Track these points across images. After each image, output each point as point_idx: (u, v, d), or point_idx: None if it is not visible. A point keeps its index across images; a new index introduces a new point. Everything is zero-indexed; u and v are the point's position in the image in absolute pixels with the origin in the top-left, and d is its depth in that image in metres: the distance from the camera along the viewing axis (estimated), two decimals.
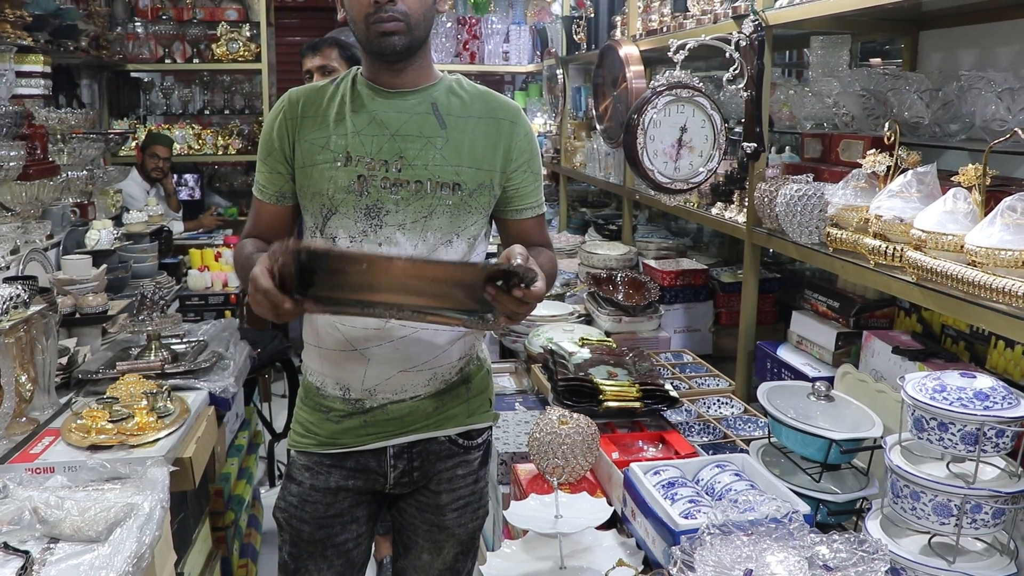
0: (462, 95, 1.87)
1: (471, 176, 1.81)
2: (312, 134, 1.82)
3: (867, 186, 2.04)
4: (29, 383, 2.29)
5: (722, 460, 1.95)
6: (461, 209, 1.81)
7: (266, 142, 1.88)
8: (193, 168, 7.03)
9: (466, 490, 1.98)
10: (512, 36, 6.58)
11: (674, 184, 2.77)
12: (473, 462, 1.99)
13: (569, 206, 5.52)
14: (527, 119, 1.94)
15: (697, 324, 3.46)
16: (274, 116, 1.88)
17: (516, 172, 1.89)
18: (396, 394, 1.87)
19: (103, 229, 3.70)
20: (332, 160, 1.78)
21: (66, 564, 1.70)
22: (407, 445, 1.91)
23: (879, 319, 2.46)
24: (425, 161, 1.78)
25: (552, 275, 1.93)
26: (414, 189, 1.78)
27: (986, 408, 1.49)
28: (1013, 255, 1.52)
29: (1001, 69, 2.08)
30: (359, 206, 1.78)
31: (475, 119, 1.85)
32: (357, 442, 1.89)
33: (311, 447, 1.92)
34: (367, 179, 1.77)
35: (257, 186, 1.92)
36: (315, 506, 1.93)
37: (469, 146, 1.82)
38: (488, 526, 2.49)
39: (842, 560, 1.43)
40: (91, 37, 5.32)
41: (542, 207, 1.98)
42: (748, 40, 2.51)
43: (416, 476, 1.94)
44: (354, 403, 1.88)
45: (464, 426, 1.95)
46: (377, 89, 1.83)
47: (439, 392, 1.90)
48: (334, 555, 1.96)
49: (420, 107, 1.82)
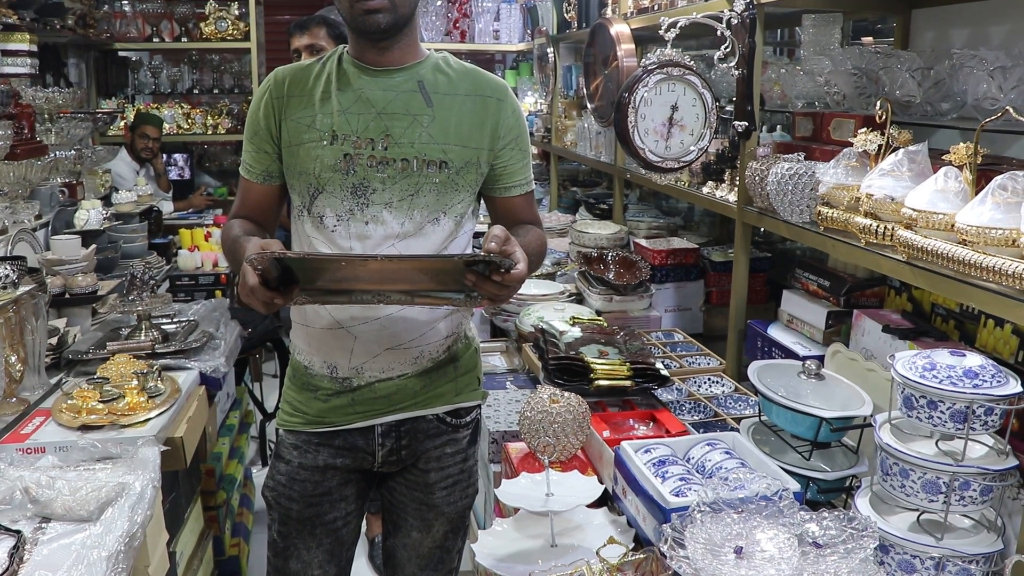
0: (449, 73, 1.86)
1: (458, 154, 1.80)
2: (298, 113, 1.81)
3: (858, 165, 2.04)
4: (19, 363, 2.28)
5: (712, 438, 1.96)
6: (448, 187, 1.80)
7: (252, 122, 1.87)
8: (182, 148, 6.99)
9: (455, 468, 1.98)
10: (503, 14, 6.54)
11: (665, 163, 2.76)
12: (462, 440, 1.99)
13: (560, 185, 5.51)
14: (515, 97, 1.93)
15: (688, 303, 3.47)
16: (260, 96, 1.87)
17: (504, 150, 1.88)
18: (383, 372, 1.86)
19: (92, 209, 3.67)
20: (318, 139, 1.78)
21: (58, 543, 1.70)
22: (395, 423, 1.91)
23: (869, 298, 2.47)
24: (412, 139, 1.77)
25: (540, 253, 1.93)
26: (400, 167, 1.77)
27: (975, 386, 1.50)
28: (1004, 234, 1.52)
29: (993, 48, 2.08)
30: (345, 185, 1.77)
31: (462, 96, 1.84)
32: (345, 420, 1.89)
33: (299, 426, 1.92)
34: (353, 158, 1.77)
35: (244, 166, 1.91)
36: (303, 484, 1.93)
37: (456, 124, 1.81)
38: (479, 504, 2.50)
39: (832, 537, 1.44)
40: (78, 15, 5.27)
41: (530, 184, 1.96)
42: (739, 18, 2.50)
43: (404, 455, 1.94)
44: (341, 381, 1.88)
45: (452, 404, 1.95)
46: (363, 67, 1.82)
47: (426, 370, 1.89)
48: (323, 533, 1.96)
49: (406, 85, 1.81)
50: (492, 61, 7.53)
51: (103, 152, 4.52)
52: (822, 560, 1.39)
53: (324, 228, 1.80)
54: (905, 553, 1.57)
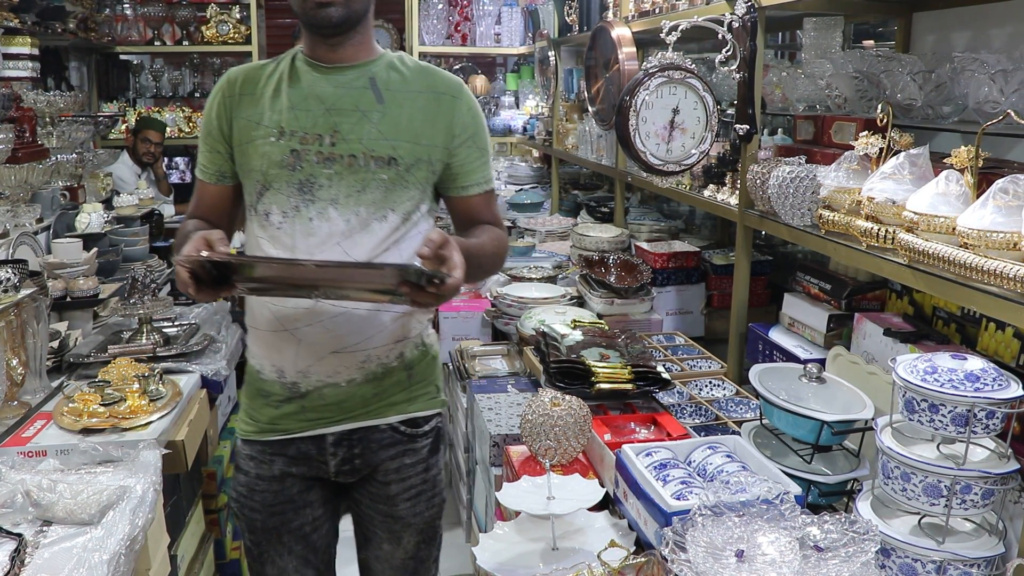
0: (403, 70, 1.85)
1: (408, 151, 1.79)
2: (248, 111, 1.81)
3: (859, 168, 2.04)
4: (20, 367, 2.28)
5: (714, 442, 1.96)
6: (397, 184, 1.79)
7: (206, 122, 1.88)
8: (183, 151, 6.99)
9: (416, 479, 1.96)
10: (504, 17, 6.54)
11: (666, 166, 2.76)
12: (421, 450, 1.96)
13: (561, 188, 5.52)
14: (471, 94, 1.91)
15: (689, 306, 3.47)
16: (213, 96, 1.87)
17: (460, 148, 1.86)
18: (330, 377, 1.84)
19: (93, 212, 3.68)
20: (266, 135, 1.78)
21: (59, 547, 1.70)
22: (346, 433, 1.89)
23: (871, 301, 2.47)
24: (359, 135, 1.76)
25: (495, 254, 1.91)
26: (347, 163, 1.76)
27: (976, 390, 1.49)
28: (1005, 237, 1.52)
29: (994, 51, 2.08)
30: (292, 181, 1.77)
31: (415, 93, 1.82)
32: (296, 427, 1.88)
33: (253, 435, 1.92)
34: (300, 153, 1.76)
35: (199, 166, 1.91)
36: (263, 495, 1.92)
37: (407, 120, 1.80)
38: (480, 507, 2.50)
39: (833, 541, 1.43)
40: (79, 19, 5.27)
41: (489, 184, 1.94)
42: (741, 21, 2.50)
43: (358, 464, 1.92)
44: (290, 387, 1.86)
45: (406, 414, 1.92)
46: (315, 65, 1.81)
47: (376, 377, 1.87)
48: (291, 540, 1.95)
49: (358, 82, 1.80)
50: (493, 64, 7.53)
51: (104, 155, 4.52)
52: (823, 564, 1.39)
53: (270, 225, 1.79)
54: (906, 557, 1.57)
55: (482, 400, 2.60)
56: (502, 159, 6.75)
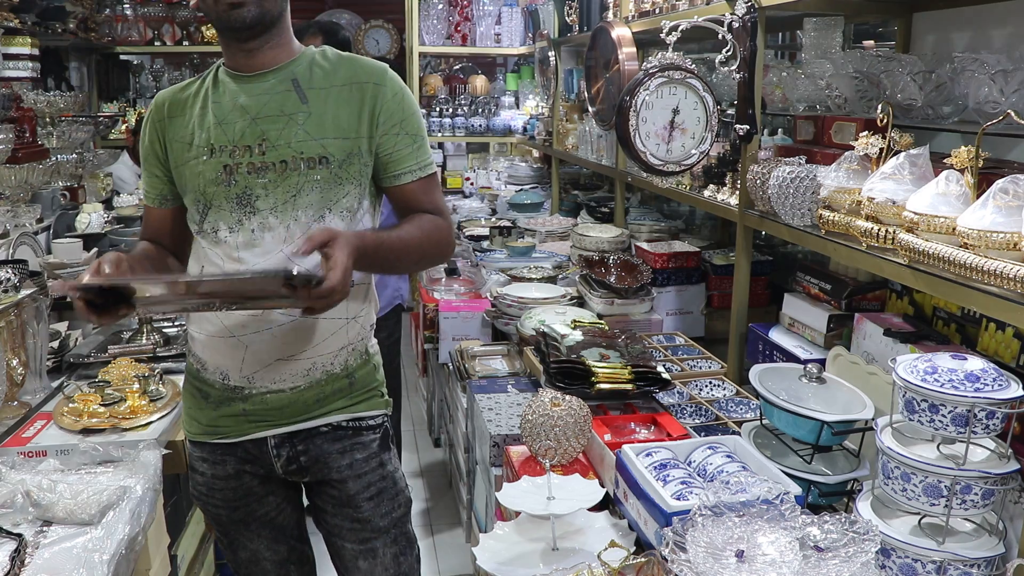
0: (325, 65, 1.83)
1: (338, 147, 1.77)
2: (179, 133, 1.82)
3: (860, 168, 2.04)
4: (20, 367, 2.29)
5: (714, 442, 1.96)
6: (331, 183, 1.77)
7: (143, 148, 1.89)
8: None
9: (374, 475, 1.95)
10: (504, 18, 6.54)
11: (666, 166, 2.76)
12: (370, 444, 1.94)
13: (561, 189, 5.52)
14: (396, 79, 1.86)
15: (689, 306, 3.47)
16: (146, 122, 1.89)
17: (387, 136, 1.82)
18: (275, 383, 1.84)
19: (93, 212, 3.68)
20: (198, 155, 1.78)
21: (59, 547, 1.70)
22: (287, 434, 1.88)
23: (871, 301, 2.47)
24: (288, 139, 1.75)
25: (426, 241, 1.85)
26: (279, 170, 1.75)
27: (977, 390, 1.49)
28: (1005, 237, 1.52)
29: (994, 51, 2.07)
30: (230, 196, 1.77)
31: (337, 87, 1.80)
32: (235, 431, 1.88)
33: (198, 435, 1.93)
34: (232, 168, 1.76)
35: (143, 191, 1.94)
36: (223, 492, 1.94)
37: (333, 116, 1.78)
38: (481, 507, 2.50)
39: (833, 541, 1.43)
40: (79, 19, 5.27)
41: (425, 169, 1.87)
42: (741, 21, 2.50)
43: (304, 462, 1.90)
44: (233, 390, 1.86)
45: (349, 413, 1.91)
46: (236, 75, 1.80)
47: (319, 383, 1.86)
48: (258, 526, 1.98)
49: (280, 86, 1.79)
50: (493, 64, 7.53)
51: (104, 156, 4.52)
52: (823, 564, 1.39)
53: (220, 242, 1.79)
54: (907, 557, 1.57)
55: (482, 400, 2.60)
56: (502, 159, 6.76)
